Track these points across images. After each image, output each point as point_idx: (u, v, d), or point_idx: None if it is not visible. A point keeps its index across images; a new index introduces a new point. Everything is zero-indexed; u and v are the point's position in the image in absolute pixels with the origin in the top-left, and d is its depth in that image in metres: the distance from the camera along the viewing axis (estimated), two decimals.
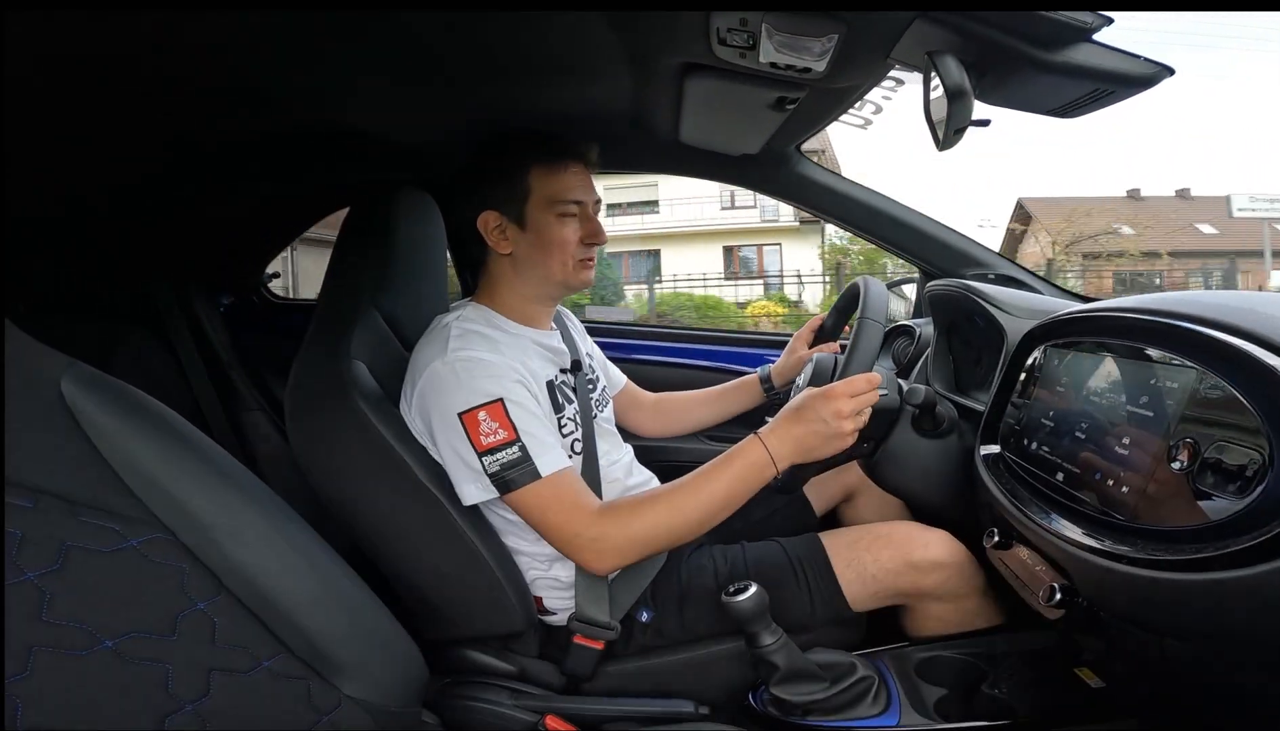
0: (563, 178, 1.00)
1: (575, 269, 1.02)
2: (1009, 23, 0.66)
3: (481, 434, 0.87)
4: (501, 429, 0.87)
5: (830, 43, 0.78)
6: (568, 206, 1.00)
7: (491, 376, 0.90)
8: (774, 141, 1.26)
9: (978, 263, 1.46)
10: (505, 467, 0.87)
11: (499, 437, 0.87)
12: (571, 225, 1.01)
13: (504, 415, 0.88)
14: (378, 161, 1.38)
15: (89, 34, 0.69)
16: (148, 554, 0.50)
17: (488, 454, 0.87)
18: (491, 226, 1.00)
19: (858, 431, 0.89)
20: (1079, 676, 0.86)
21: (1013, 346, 0.94)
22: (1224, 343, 0.58)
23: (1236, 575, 0.52)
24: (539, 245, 1.00)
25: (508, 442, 0.87)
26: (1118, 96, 0.74)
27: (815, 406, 0.88)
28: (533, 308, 1.06)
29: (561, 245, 1.00)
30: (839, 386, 0.89)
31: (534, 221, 1.00)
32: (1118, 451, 0.68)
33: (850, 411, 0.87)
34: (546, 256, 1.00)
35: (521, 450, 0.87)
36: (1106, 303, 0.81)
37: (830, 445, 0.88)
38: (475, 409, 0.88)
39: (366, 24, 0.78)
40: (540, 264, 1.01)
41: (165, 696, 0.47)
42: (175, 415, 0.59)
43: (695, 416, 1.38)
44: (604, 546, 0.89)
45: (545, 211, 0.99)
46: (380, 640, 0.66)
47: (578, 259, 1.02)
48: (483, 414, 0.87)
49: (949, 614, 1.02)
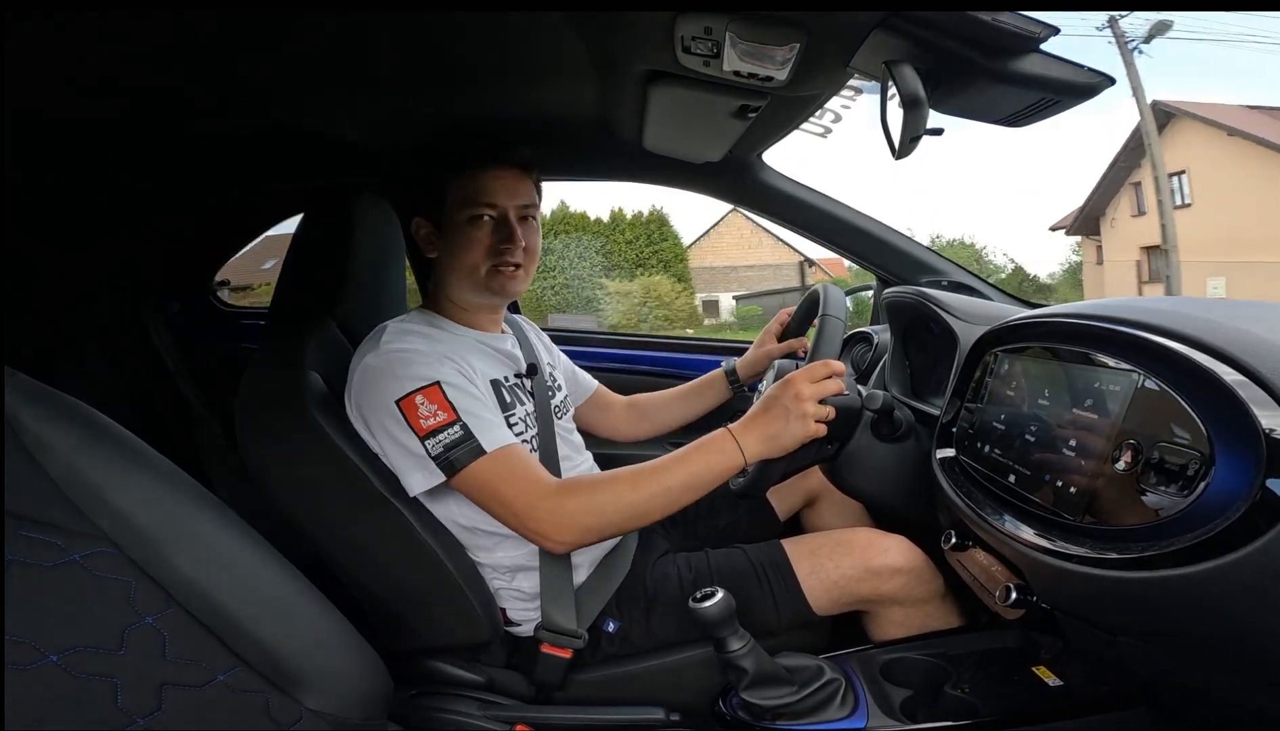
0: (478, 180, 0.97)
1: (490, 276, 0.99)
2: (963, 32, 0.68)
3: (420, 417, 0.85)
4: (440, 410, 0.86)
5: (792, 51, 0.79)
6: (477, 209, 0.97)
7: (425, 363, 0.89)
8: (736, 149, 1.27)
9: (932, 270, 1.50)
10: (448, 448, 0.85)
11: (439, 419, 0.86)
12: (484, 230, 0.98)
13: (442, 397, 0.87)
14: (336, 165, 1.35)
15: (33, 33, 0.66)
16: (91, 568, 0.49)
17: (429, 437, 0.85)
18: (422, 233, 1.01)
19: (822, 422, 0.89)
20: (1037, 675, 0.88)
21: (965, 352, 0.96)
22: (1162, 346, 0.60)
23: (1181, 573, 0.54)
24: (451, 250, 1.00)
25: (448, 423, 0.86)
26: (1062, 106, 0.77)
27: (776, 394, 0.90)
28: (471, 312, 1.05)
29: (469, 249, 0.98)
30: (798, 373, 0.90)
31: (448, 225, 0.99)
32: (1065, 453, 0.70)
33: (811, 396, 0.88)
34: (459, 262, 0.99)
35: (463, 428, 0.86)
36: (1052, 308, 0.84)
37: (793, 429, 0.88)
38: (412, 394, 0.86)
39: (325, 25, 0.77)
40: (456, 269, 1.00)
41: (115, 711, 0.46)
42: (119, 427, 0.57)
43: (670, 413, 1.37)
44: (563, 518, 0.86)
45: (458, 215, 0.98)
46: (341, 651, 0.65)
47: (491, 265, 0.99)
48: (420, 397, 0.86)
49: (909, 618, 1.04)
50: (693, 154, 1.33)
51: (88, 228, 1.32)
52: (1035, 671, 0.89)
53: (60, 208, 1.20)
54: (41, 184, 1.11)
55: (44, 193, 1.15)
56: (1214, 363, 0.56)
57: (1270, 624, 0.52)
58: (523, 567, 0.98)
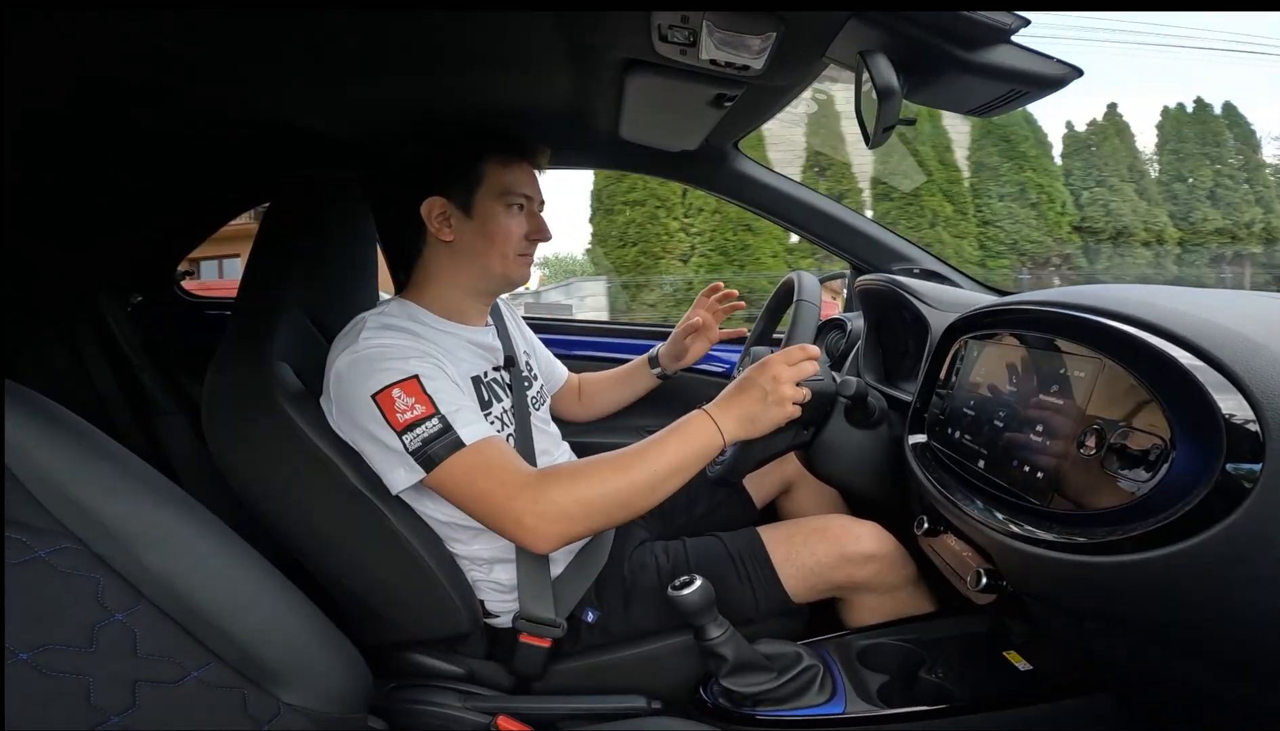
0: (515, 171, 1.01)
1: (514, 263, 1.02)
2: (937, 23, 0.68)
3: (398, 411, 0.84)
4: (419, 404, 0.84)
5: (768, 41, 0.79)
6: (517, 198, 1.00)
7: (403, 357, 0.87)
8: (712, 138, 1.27)
9: (904, 258, 1.52)
10: (427, 442, 0.83)
11: (417, 413, 0.84)
12: (519, 218, 1.01)
13: (420, 390, 0.85)
14: (305, 155, 1.31)
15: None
16: (57, 565, 0.48)
17: (407, 431, 0.83)
18: (435, 213, 0.98)
19: (798, 404, 0.90)
20: (1008, 660, 0.91)
21: (936, 339, 0.98)
22: (1124, 332, 0.62)
23: (1143, 557, 0.55)
24: (483, 234, 0.99)
25: (426, 416, 0.84)
26: (1031, 97, 0.78)
27: (754, 376, 0.90)
28: (466, 302, 1.04)
29: (505, 236, 1.00)
30: (775, 356, 0.91)
31: (482, 210, 0.99)
32: (1033, 438, 0.72)
33: (788, 378, 0.89)
34: (489, 246, 1.00)
35: (442, 421, 0.84)
36: (1019, 296, 0.85)
37: (771, 412, 0.89)
38: (388, 387, 0.84)
39: (297, 15, 0.75)
40: (481, 253, 1.00)
41: (88, 709, 0.46)
42: (80, 420, 0.56)
43: (608, 397, 1.40)
44: (546, 509, 0.82)
45: (495, 201, 0.99)
46: (318, 645, 0.64)
47: (519, 253, 1.02)
48: (397, 390, 0.84)
49: (883, 604, 1.06)
50: (669, 143, 1.33)
51: (44, 217, 1.27)
52: (1006, 656, 0.91)
53: (16, 197, 1.15)
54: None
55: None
56: (1174, 348, 0.57)
57: (1230, 608, 0.54)
58: (500, 559, 0.98)
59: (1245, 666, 0.57)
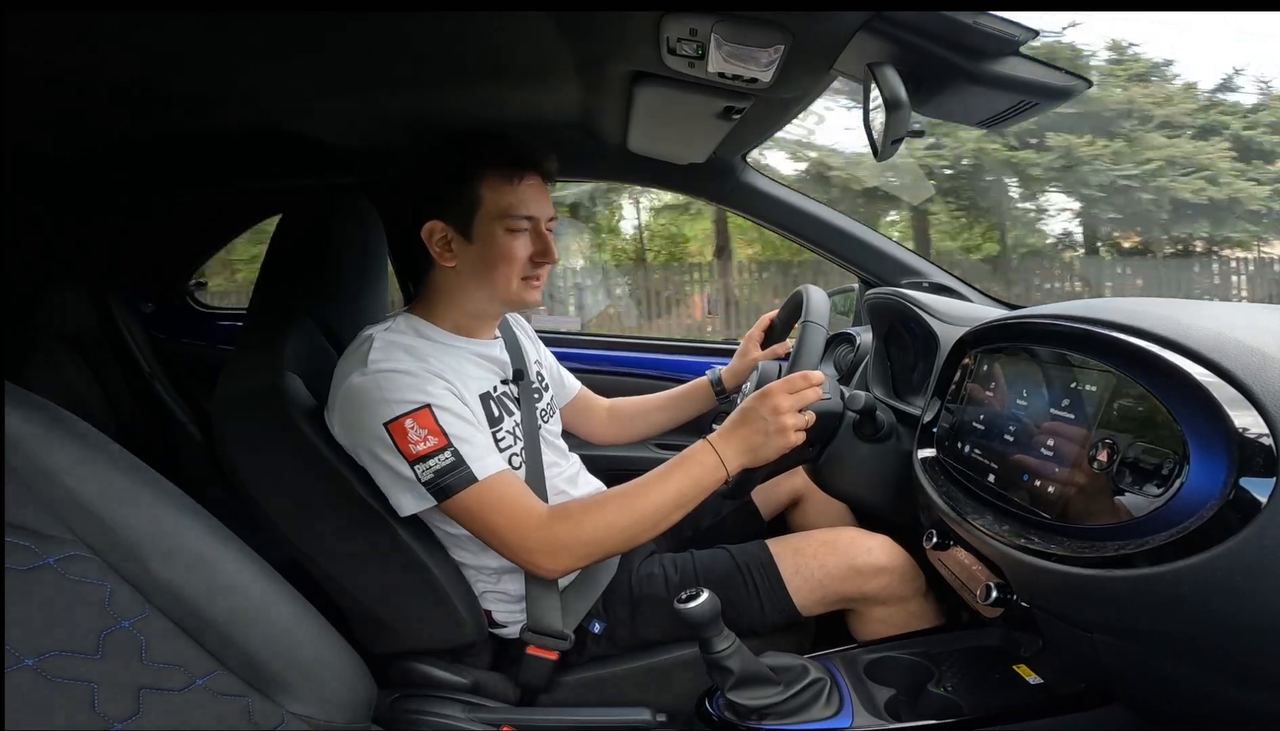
0: (517, 190, 0.94)
1: (520, 288, 0.97)
2: (945, 35, 0.69)
3: (410, 442, 0.84)
4: (431, 435, 0.84)
5: (777, 53, 0.79)
6: (519, 221, 0.94)
7: (414, 385, 0.86)
8: (720, 151, 1.28)
9: (914, 271, 1.52)
10: (439, 474, 0.84)
11: (430, 445, 0.84)
12: (521, 241, 0.96)
13: (432, 421, 0.85)
14: (315, 164, 1.33)
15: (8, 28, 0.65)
16: (65, 572, 0.48)
17: (419, 462, 0.84)
18: (436, 237, 0.94)
19: (802, 430, 0.90)
20: (1017, 673, 0.89)
21: (945, 352, 0.97)
22: (1136, 346, 0.61)
23: (1156, 571, 0.54)
24: (485, 260, 0.95)
25: (439, 449, 0.84)
26: (1040, 108, 0.78)
27: (755, 407, 0.90)
28: (474, 322, 1.01)
29: (508, 262, 0.95)
30: (776, 385, 0.90)
31: (482, 235, 0.94)
32: (1043, 452, 0.71)
33: (789, 407, 0.88)
34: (491, 272, 0.95)
35: (455, 455, 0.84)
36: (1030, 309, 0.85)
37: (773, 442, 0.88)
38: (401, 417, 0.84)
39: (307, 24, 0.76)
40: (485, 281, 0.96)
41: (92, 715, 0.45)
42: (92, 429, 0.56)
43: (650, 421, 1.35)
44: (556, 548, 0.86)
45: (494, 225, 0.94)
46: (324, 655, 0.64)
47: (524, 277, 0.97)
48: (409, 421, 0.84)
49: (893, 617, 1.05)
50: (677, 155, 1.33)
51: (57, 219, 1.29)
52: (1016, 670, 0.90)
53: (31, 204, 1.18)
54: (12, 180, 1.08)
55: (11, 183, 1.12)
56: (1187, 362, 0.56)
57: (1243, 620, 0.53)
58: (508, 570, 0.98)
59: (1258, 676, 0.57)
